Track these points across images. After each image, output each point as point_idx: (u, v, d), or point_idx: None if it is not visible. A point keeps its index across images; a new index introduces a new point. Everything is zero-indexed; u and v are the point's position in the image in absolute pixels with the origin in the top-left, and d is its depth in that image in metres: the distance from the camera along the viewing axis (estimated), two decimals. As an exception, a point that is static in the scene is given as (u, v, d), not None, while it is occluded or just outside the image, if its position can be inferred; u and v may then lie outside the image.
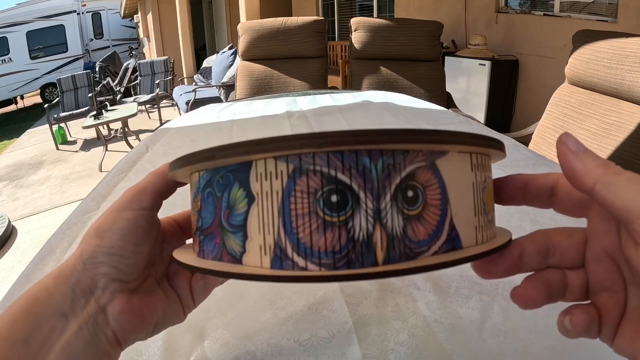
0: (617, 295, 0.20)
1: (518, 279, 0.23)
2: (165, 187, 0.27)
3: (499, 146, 0.22)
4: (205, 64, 6.25)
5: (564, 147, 0.20)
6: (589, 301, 0.21)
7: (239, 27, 2.70)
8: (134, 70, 7.06)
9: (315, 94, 1.56)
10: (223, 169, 0.20)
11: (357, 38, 2.57)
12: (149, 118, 6.16)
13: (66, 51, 11.44)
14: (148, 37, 9.99)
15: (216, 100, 4.21)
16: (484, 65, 3.35)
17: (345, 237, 0.17)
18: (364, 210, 0.18)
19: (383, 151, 0.18)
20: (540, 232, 0.22)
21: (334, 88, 2.98)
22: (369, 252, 0.18)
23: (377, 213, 0.18)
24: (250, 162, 0.19)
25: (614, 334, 0.20)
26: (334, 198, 0.17)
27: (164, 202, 0.28)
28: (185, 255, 0.24)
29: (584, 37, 1.41)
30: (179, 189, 0.28)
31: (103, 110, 4.35)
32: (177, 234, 0.30)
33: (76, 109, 5.72)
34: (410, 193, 0.18)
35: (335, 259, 0.18)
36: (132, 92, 6.93)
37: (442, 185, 0.19)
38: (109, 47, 11.87)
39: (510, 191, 0.24)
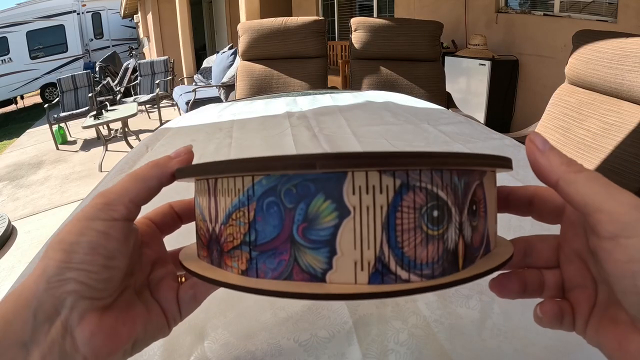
0: (587, 291, 0.22)
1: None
2: (145, 193, 0.24)
3: (511, 166, 0.25)
4: (205, 64, 6.25)
5: (532, 146, 0.22)
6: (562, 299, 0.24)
7: (239, 27, 2.70)
8: (134, 70, 7.06)
9: (315, 94, 1.56)
10: (299, 176, 0.18)
11: (357, 38, 2.57)
12: (149, 118, 6.16)
13: (66, 51, 11.43)
14: (148, 37, 9.99)
15: (216, 100, 4.22)
16: (484, 65, 3.35)
17: (442, 248, 0.19)
18: (454, 224, 0.19)
19: (464, 171, 0.20)
20: (520, 238, 0.26)
21: (334, 88, 2.98)
22: (455, 261, 0.20)
23: (461, 225, 0.20)
24: (344, 173, 0.17)
25: (585, 326, 0.22)
26: (435, 213, 0.18)
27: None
28: (214, 271, 0.21)
29: (584, 37, 1.41)
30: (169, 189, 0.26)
31: (103, 110, 4.35)
32: (155, 236, 0.28)
33: (76, 109, 5.72)
34: (474, 207, 0.21)
35: (434, 268, 0.19)
36: (132, 92, 6.93)
37: (485, 199, 0.22)
38: (109, 47, 11.87)
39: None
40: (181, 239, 0.31)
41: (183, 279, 0.28)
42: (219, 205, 0.21)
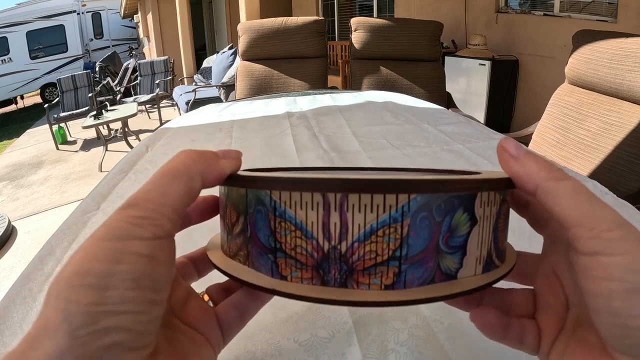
0: (557, 312, 0.22)
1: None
2: (188, 197, 0.18)
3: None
4: (205, 64, 6.25)
5: (505, 153, 0.21)
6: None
7: (239, 27, 2.70)
8: (134, 70, 7.06)
9: (315, 94, 1.56)
10: (446, 194, 0.21)
11: (357, 38, 2.57)
12: (149, 118, 6.16)
13: (66, 51, 11.44)
14: (148, 37, 9.99)
15: (216, 100, 4.22)
16: (484, 65, 3.35)
17: (505, 242, 0.25)
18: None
19: None
20: None
21: (334, 88, 2.98)
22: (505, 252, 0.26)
23: None
24: (477, 192, 0.22)
25: (550, 349, 0.21)
26: (508, 219, 0.25)
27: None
28: (348, 293, 0.20)
29: (584, 37, 1.41)
30: None
31: (103, 110, 4.35)
32: None
33: (76, 109, 5.73)
34: None
35: (504, 257, 0.24)
36: (132, 92, 6.93)
37: None
38: (109, 47, 11.87)
39: None
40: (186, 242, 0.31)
41: (206, 297, 0.24)
42: (352, 221, 0.20)
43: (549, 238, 0.23)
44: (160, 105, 5.92)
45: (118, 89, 6.99)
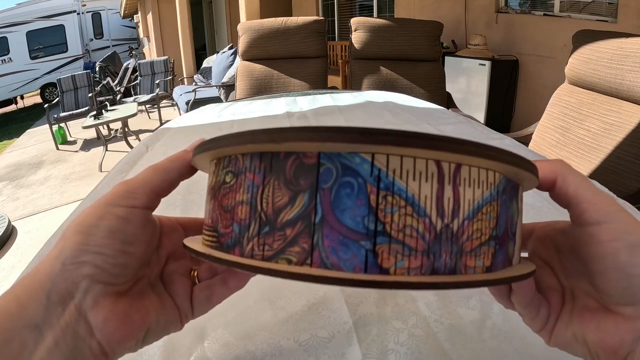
0: (557, 290, 0.26)
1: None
2: (165, 184, 0.25)
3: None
4: (205, 64, 6.25)
5: None
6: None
7: (239, 27, 2.70)
8: (134, 70, 7.06)
9: (315, 94, 1.56)
10: (511, 181, 0.21)
11: (357, 38, 2.57)
12: (149, 118, 6.16)
13: (66, 51, 11.43)
14: (148, 37, 9.99)
15: (216, 100, 4.22)
16: (484, 65, 3.35)
17: None
18: None
19: None
20: None
21: (334, 88, 2.98)
22: None
23: None
24: (519, 185, 0.22)
25: (555, 322, 0.25)
26: None
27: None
28: (458, 278, 0.18)
29: (584, 37, 1.41)
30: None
31: (103, 110, 4.35)
32: (175, 228, 0.28)
33: (76, 109, 5.72)
34: None
35: None
36: (132, 92, 6.93)
37: None
38: (109, 47, 11.87)
39: None
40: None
41: (195, 273, 0.28)
42: (463, 196, 0.18)
43: (536, 241, 0.27)
44: (160, 105, 5.92)
45: (118, 89, 6.98)
